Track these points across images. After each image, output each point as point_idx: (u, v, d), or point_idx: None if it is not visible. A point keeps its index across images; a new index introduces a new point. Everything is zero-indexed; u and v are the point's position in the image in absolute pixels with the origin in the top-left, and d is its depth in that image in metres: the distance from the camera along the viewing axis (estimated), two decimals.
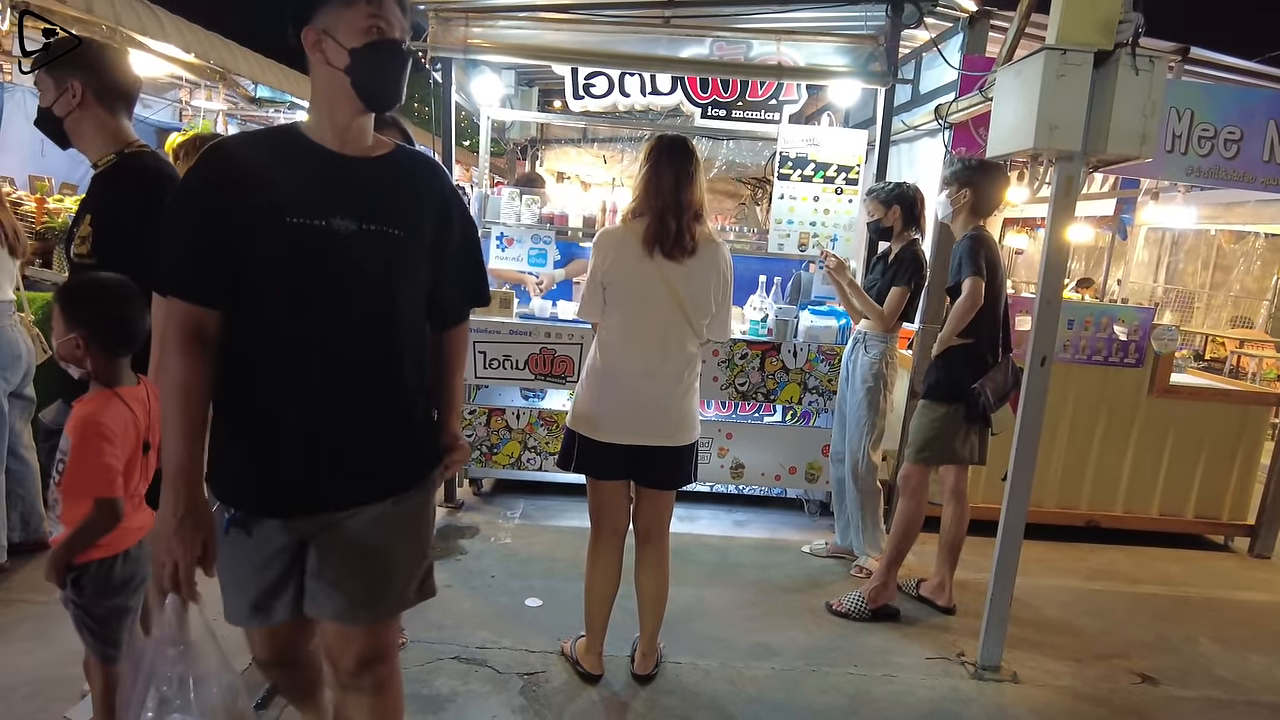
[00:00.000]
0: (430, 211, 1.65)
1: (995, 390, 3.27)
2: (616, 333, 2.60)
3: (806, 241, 4.25)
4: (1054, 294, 2.90)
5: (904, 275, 3.58)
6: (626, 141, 6.63)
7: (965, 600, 3.54)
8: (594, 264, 2.60)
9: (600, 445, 2.62)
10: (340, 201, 1.52)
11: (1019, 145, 2.74)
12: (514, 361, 4.19)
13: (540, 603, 3.33)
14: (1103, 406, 4.43)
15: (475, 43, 3.89)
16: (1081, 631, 3.47)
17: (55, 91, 2.06)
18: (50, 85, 2.06)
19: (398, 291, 1.60)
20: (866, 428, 3.69)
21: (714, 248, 2.58)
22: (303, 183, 1.52)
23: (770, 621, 3.32)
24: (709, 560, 3.86)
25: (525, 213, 4.34)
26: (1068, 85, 2.58)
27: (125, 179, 2.07)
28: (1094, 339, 4.38)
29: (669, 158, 2.52)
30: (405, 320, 1.63)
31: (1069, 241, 2.91)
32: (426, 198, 1.66)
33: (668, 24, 4.13)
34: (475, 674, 2.78)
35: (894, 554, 3.39)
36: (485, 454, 4.32)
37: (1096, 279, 8.76)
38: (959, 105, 3.85)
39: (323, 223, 1.49)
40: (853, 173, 4.24)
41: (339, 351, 1.56)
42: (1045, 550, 4.28)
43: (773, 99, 4.50)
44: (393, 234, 1.56)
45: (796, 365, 4.20)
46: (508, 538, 3.98)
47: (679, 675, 2.88)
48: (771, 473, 4.34)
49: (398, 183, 1.62)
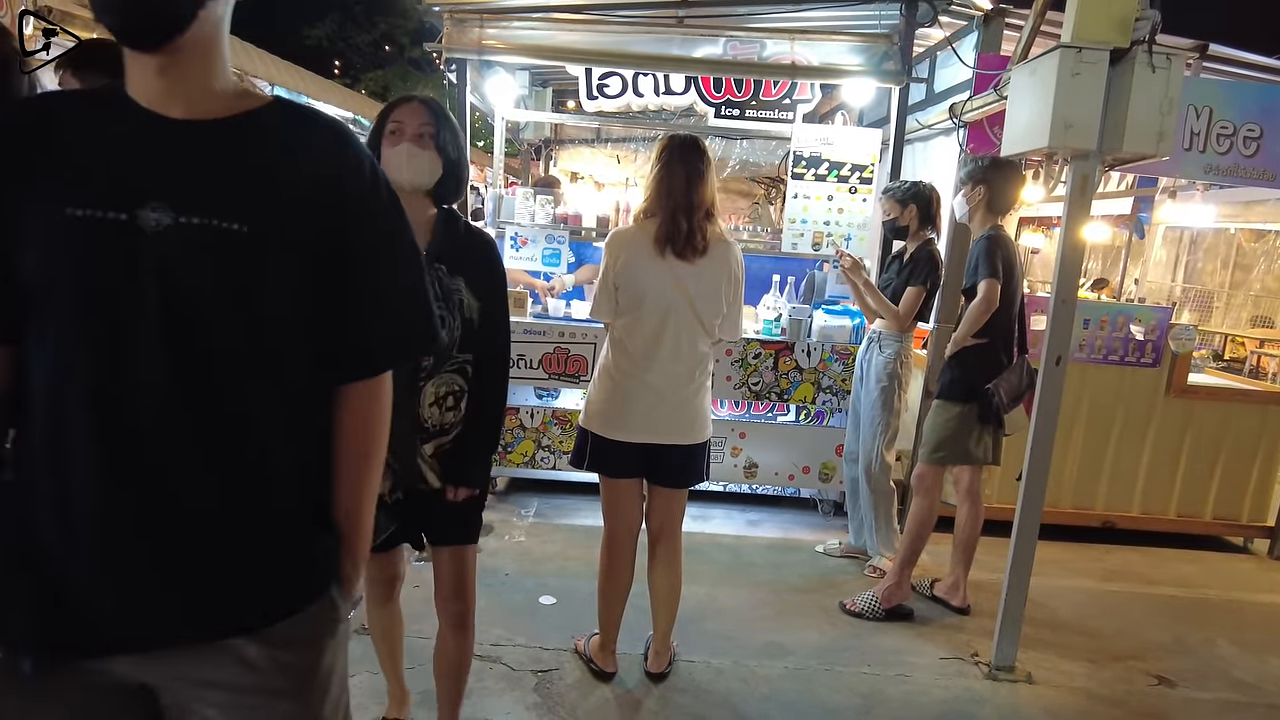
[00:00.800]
0: (310, 197, 1.11)
1: (1009, 391, 3.25)
2: (628, 332, 2.61)
3: (820, 241, 4.24)
4: (1069, 293, 2.88)
5: (920, 275, 3.57)
6: (640, 141, 6.64)
7: (980, 601, 3.53)
8: (605, 264, 2.61)
9: (612, 443, 2.63)
10: (153, 184, 1.04)
11: (1034, 144, 2.73)
12: (528, 361, 4.21)
13: (554, 600, 3.35)
14: (1119, 407, 4.40)
15: (490, 44, 3.92)
16: (1097, 632, 3.45)
17: None
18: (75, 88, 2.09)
19: (240, 317, 1.08)
20: (880, 427, 3.69)
21: (725, 247, 2.59)
22: (98, 159, 1.05)
23: (783, 621, 3.32)
24: (722, 559, 3.86)
25: (539, 213, 4.36)
26: (1083, 83, 2.56)
27: None
28: (1110, 339, 4.34)
29: (680, 157, 2.53)
30: (259, 363, 1.10)
31: (1085, 241, 2.90)
32: (305, 177, 1.11)
33: (681, 24, 4.13)
34: (490, 671, 2.80)
35: (907, 554, 3.38)
36: (500, 453, 4.34)
37: (1113, 278, 8.70)
38: (974, 104, 3.83)
39: (123, 215, 1.02)
40: (867, 172, 4.23)
41: (149, 410, 1.05)
42: (1060, 551, 4.26)
43: (786, 98, 4.50)
44: (231, 230, 1.05)
45: (810, 365, 4.19)
46: (522, 536, 4.00)
47: (692, 673, 2.89)
48: (785, 472, 4.34)
49: (250, 154, 1.10)
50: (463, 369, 2.01)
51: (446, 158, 1.95)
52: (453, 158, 1.97)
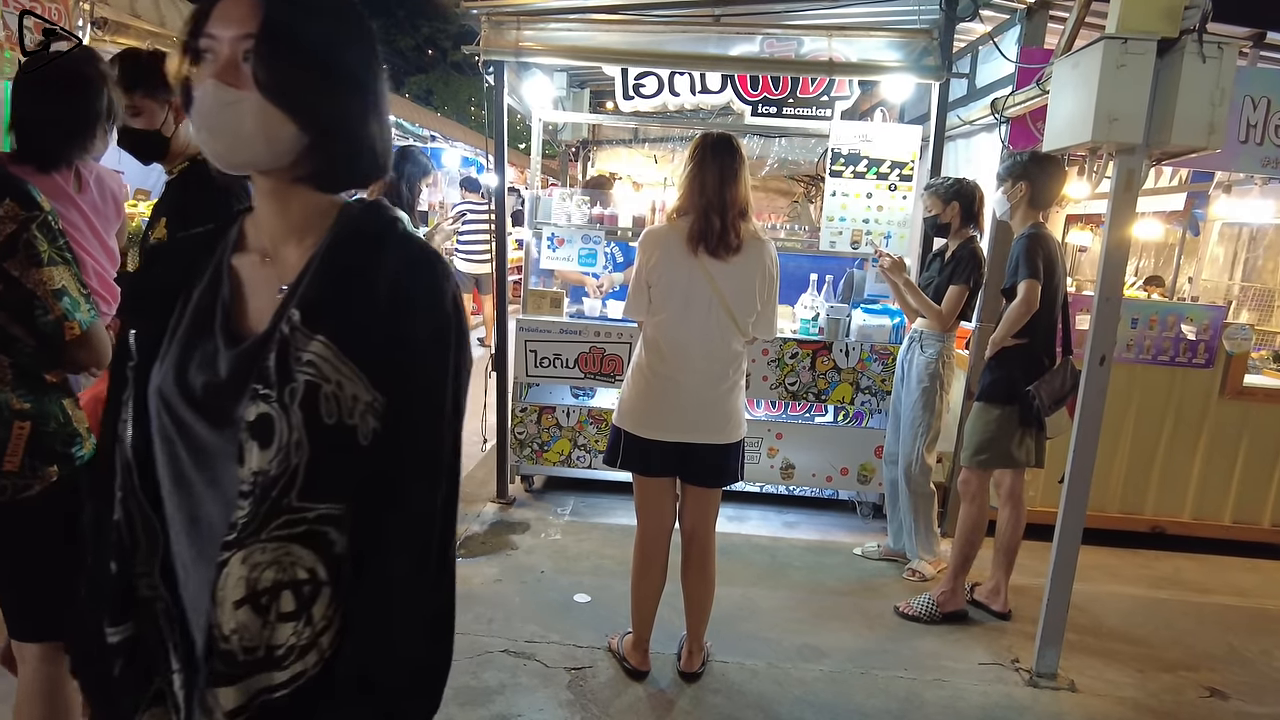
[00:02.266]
0: None
1: (1050, 393, 3.18)
2: (661, 330, 2.61)
3: (859, 239, 4.19)
4: (1113, 291, 2.81)
5: (962, 273, 3.51)
6: (677, 141, 6.63)
7: (1021, 606, 3.45)
8: (639, 263, 2.62)
9: (646, 442, 2.63)
10: None
11: (1076, 138, 2.66)
12: (564, 360, 4.23)
13: (589, 599, 3.36)
14: (1169, 408, 4.27)
15: (527, 45, 3.94)
16: (1145, 641, 3.35)
17: (161, 113, 2.16)
18: (154, 108, 2.16)
19: None
20: (921, 429, 3.63)
21: (759, 245, 2.57)
22: None
23: (820, 623, 3.29)
24: (758, 561, 3.84)
25: (575, 213, 4.39)
26: (1129, 75, 2.49)
27: (194, 183, 2.17)
28: (1160, 338, 4.22)
29: (713, 155, 2.52)
30: None
31: (1130, 237, 2.81)
32: None
33: (717, 22, 4.12)
34: (524, 667, 2.82)
35: (959, 560, 3.33)
36: (536, 451, 4.37)
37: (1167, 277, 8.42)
38: (1016, 99, 3.75)
39: None
40: (907, 169, 4.16)
41: None
42: (1106, 556, 4.15)
43: (824, 95, 4.45)
44: None
45: (849, 365, 4.14)
46: (558, 534, 4.02)
47: (726, 674, 2.88)
48: (823, 474, 4.30)
49: None
50: (316, 535, 0.98)
51: (298, 101, 0.94)
52: (324, 101, 0.96)
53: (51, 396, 1.65)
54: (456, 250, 8.06)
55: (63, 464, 1.65)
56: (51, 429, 1.63)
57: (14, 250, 1.48)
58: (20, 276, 1.49)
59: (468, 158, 10.43)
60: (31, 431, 1.59)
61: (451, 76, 27.72)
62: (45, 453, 1.62)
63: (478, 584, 3.42)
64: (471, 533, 3.97)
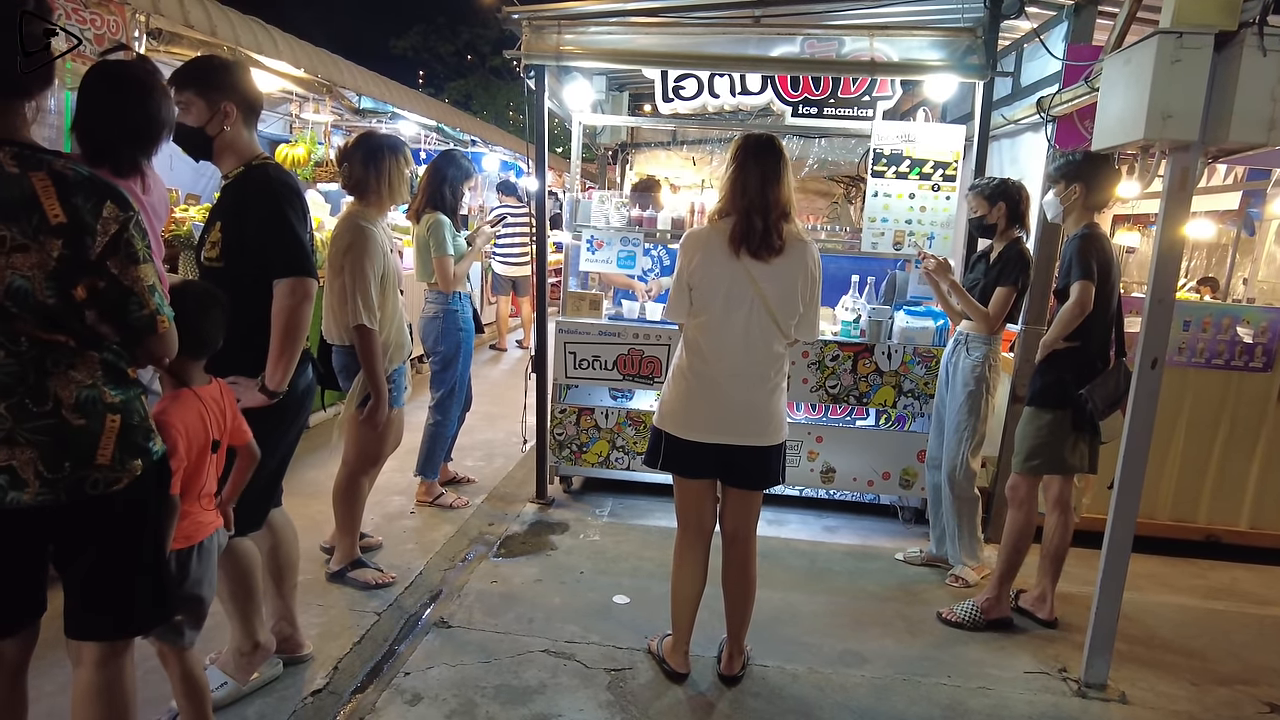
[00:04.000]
0: None
1: (1104, 396, 3.10)
2: (702, 332, 2.60)
3: (902, 240, 4.14)
4: (1166, 292, 2.74)
5: (1010, 274, 3.45)
6: (715, 143, 6.61)
7: (1068, 614, 3.38)
8: (680, 265, 2.62)
9: (687, 444, 2.63)
10: None
11: (1128, 136, 2.60)
12: (603, 362, 4.25)
13: (628, 600, 3.36)
14: (1224, 413, 4.14)
15: (567, 49, 3.97)
16: (1200, 653, 3.25)
17: (209, 113, 2.23)
18: (204, 107, 2.23)
19: None
20: (967, 433, 3.57)
21: (802, 247, 2.55)
22: None
23: (861, 629, 3.25)
24: (798, 565, 3.81)
25: (614, 215, 4.40)
26: (1184, 70, 2.43)
27: (250, 188, 2.23)
28: (1214, 341, 4.10)
29: (755, 157, 2.51)
30: None
31: (1184, 238, 2.74)
32: None
33: (758, 23, 4.10)
34: (564, 667, 2.83)
35: (1005, 567, 3.27)
36: (575, 452, 4.39)
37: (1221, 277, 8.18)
38: (1063, 97, 3.68)
39: None
40: (950, 169, 4.11)
41: None
42: (1157, 565, 4.04)
43: (866, 95, 4.40)
44: None
45: (891, 367, 4.10)
46: (596, 535, 4.04)
47: (766, 678, 2.86)
48: (864, 478, 4.25)
49: None
50: None
51: None
52: None
53: (134, 391, 1.69)
54: (494, 253, 8.13)
55: (144, 458, 1.69)
56: (135, 422, 1.67)
57: (116, 249, 1.53)
58: (120, 274, 1.55)
59: (506, 161, 10.52)
60: (121, 425, 1.64)
61: (490, 81, 28.05)
62: (131, 446, 1.66)
63: (518, 584, 3.44)
64: (512, 532, 4.00)
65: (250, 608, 2.40)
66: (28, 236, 1.46)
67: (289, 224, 2.21)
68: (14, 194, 1.45)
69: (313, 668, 2.72)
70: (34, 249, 1.47)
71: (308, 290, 2.25)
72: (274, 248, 2.21)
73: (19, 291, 1.48)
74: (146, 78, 2.02)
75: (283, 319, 2.22)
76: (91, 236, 1.50)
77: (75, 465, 1.59)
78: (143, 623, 1.80)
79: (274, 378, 2.24)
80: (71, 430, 1.58)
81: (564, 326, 4.27)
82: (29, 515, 1.58)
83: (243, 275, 2.19)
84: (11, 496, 1.55)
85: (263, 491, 2.40)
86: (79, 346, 1.57)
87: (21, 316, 1.50)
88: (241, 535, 2.35)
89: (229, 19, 4.51)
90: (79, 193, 1.49)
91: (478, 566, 3.60)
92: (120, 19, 3.73)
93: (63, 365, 1.57)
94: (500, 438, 5.54)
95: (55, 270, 1.48)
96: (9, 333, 1.51)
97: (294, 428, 2.46)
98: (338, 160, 3.21)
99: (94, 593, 1.70)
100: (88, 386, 1.59)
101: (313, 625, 2.94)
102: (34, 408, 1.55)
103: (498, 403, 6.09)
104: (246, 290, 2.18)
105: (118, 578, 1.71)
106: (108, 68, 2.03)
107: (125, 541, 1.71)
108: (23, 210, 1.46)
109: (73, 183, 1.49)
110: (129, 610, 1.75)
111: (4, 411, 1.53)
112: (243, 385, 2.22)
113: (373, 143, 3.18)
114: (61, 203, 1.47)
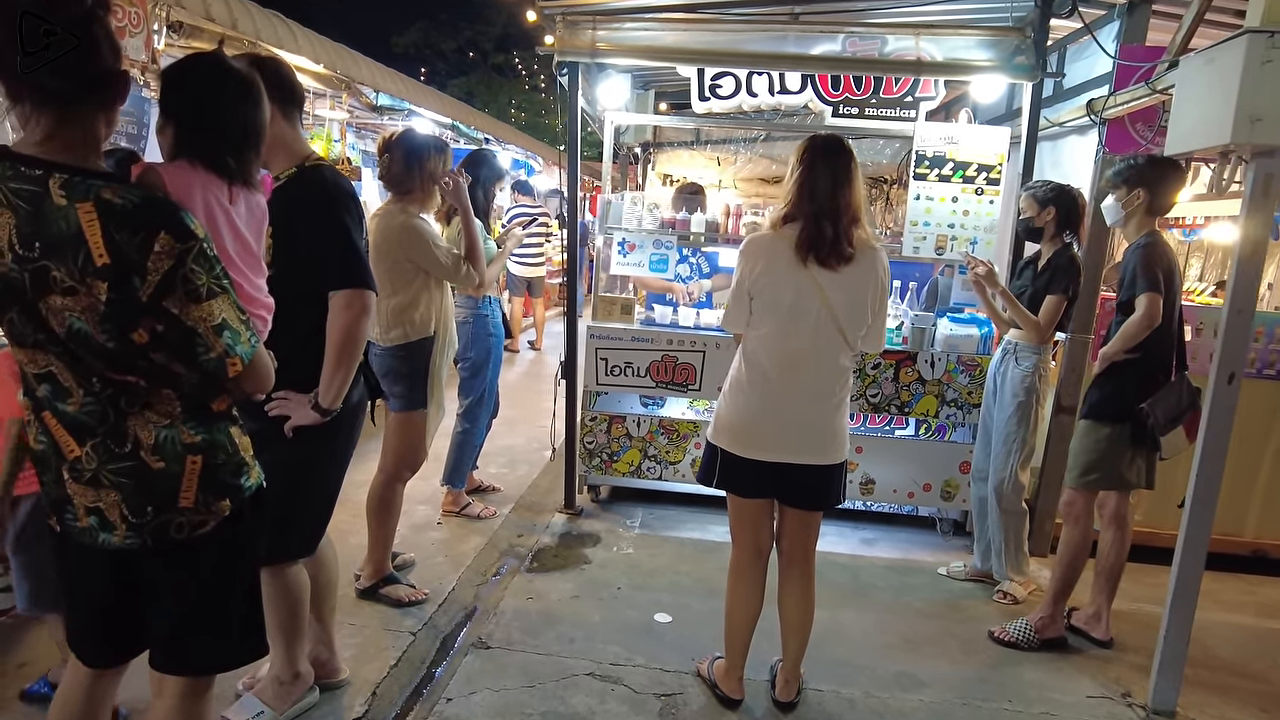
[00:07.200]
0: None
1: (1167, 411, 2.99)
2: (764, 344, 2.48)
3: (944, 245, 4.02)
4: (1246, 303, 2.63)
5: (1060, 282, 3.33)
6: (739, 143, 6.49)
7: (1123, 633, 3.27)
8: (741, 272, 2.49)
9: (745, 461, 2.50)
10: None
11: (1212, 141, 2.48)
12: (635, 369, 4.12)
13: (670, 619, 3.24)
14: (1275, 424, 4.03)
15: (602, 46, 3.84)
16: (1265, 676, 3.14)
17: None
18: None
19: None
20: (1016, 445, 3.45)
21: (873, 254, 2.43)
22: None
23: (913, 649, 3.14)
24: (840, 580, 3.68)
25: (646, 218, 4.27)
26: (1276, 72, 2.31)
27: (303, 192, 2.08)
28: (1266, 351, 3.99)
29: (825, 159, 2.39)
30: None
31: (1264, 245, 2.62)
32: None
33: (796, 20, 3.98)
34: (611, 692, 2.71)
35: (1060, 585, 3.16)
36: (605, 461, 4.27)
37: None
38: (1118, 99, 3.56)
39: None
40: (994, 172, 3.98)
41: None
42: (1206, 580, 3.82)
43: (909, 96, 4.27)
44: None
45: (934, 376, 3.97)
46: (629, 548, 3.91)
47: (822, 704, 2.74)
48: (904, 489, 4.13)
49: None
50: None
51: None
52: None
53: (220, 426, 1.57)
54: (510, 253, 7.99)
55: (233, 496, 1.57)
56: (220, 461, 1.55)
57: (172, 287, 1.37)
58: (180, 314, 1.39)
59: (518, 160, 10.38)
60: (203, 466, 1.52)
61: (493, 79, 27.82)
62: (217, 485, 1.54)
63: (555, 600, 3.32)
64: (542, 545, 3.88)
65: (296, 636, 2.28)
66: (75, 279, 1.32)
67: (345, 231, 2.07)
68: (60, 230, 1.30)
69: (350, 693, 2.59)
70: (82, 292, 1.33)
71: (366, 303, 2.11)
72: (330, 257, 2.08)
73: (79, 334, 1.35)
74: (254, 78, 1.85)
75: (339, 333, 2.08)
76: (141, 276, 1.34)
77: (158, 509, 1.48)
78: (231, 660, 1.69)
79: (328, 395, 2.10)
80: (151, 473, 1.46)
81: (595, 332, 4.14)
82: (124, 554, 1.51)
83: (294, 284, 2.05)
84: (103, 538, 1.48)
85: (319, 515, 2.27)
86: (152, 385, 1.45)
87: (87, 358, 1.38)
88: (294, 560, 2.22)
89: (250, 13, 4.37)
90: (126, 226, 1.32)
91: (511, 581, 3.47)
92: (141, 10, 3.59)
93: (138, 405, 1.45)
94: (522, 444, 5.41)
95: (106, 314, 1.34)
96: (82, 373, 1.40)
97: (349, 444, 2.32)
98: (379, 150, 3.09)
99: (184, 631, 1.61)
100: (165, 426, 1.47)
101: (347, 646, 2.81)
102: (115, 448, 1.44)
103: (517, 406, 5.96)
104: (298, 299, 2.04)
105: (209, 618, 1.61)
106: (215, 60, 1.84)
107: (216, 583, 1.60)
108: (69, 249, 1.31)
109: (120, 213, 1.32)
110: (218, 649, 1.65)
111: (89, 451, 1.43)
112: (294, 401, 2.09)
113: (417, 140, 3.07)
114: (105, 240, 1.31)
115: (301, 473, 2.19)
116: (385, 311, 3.01)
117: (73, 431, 1.44)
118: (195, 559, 1.55)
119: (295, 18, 5.10)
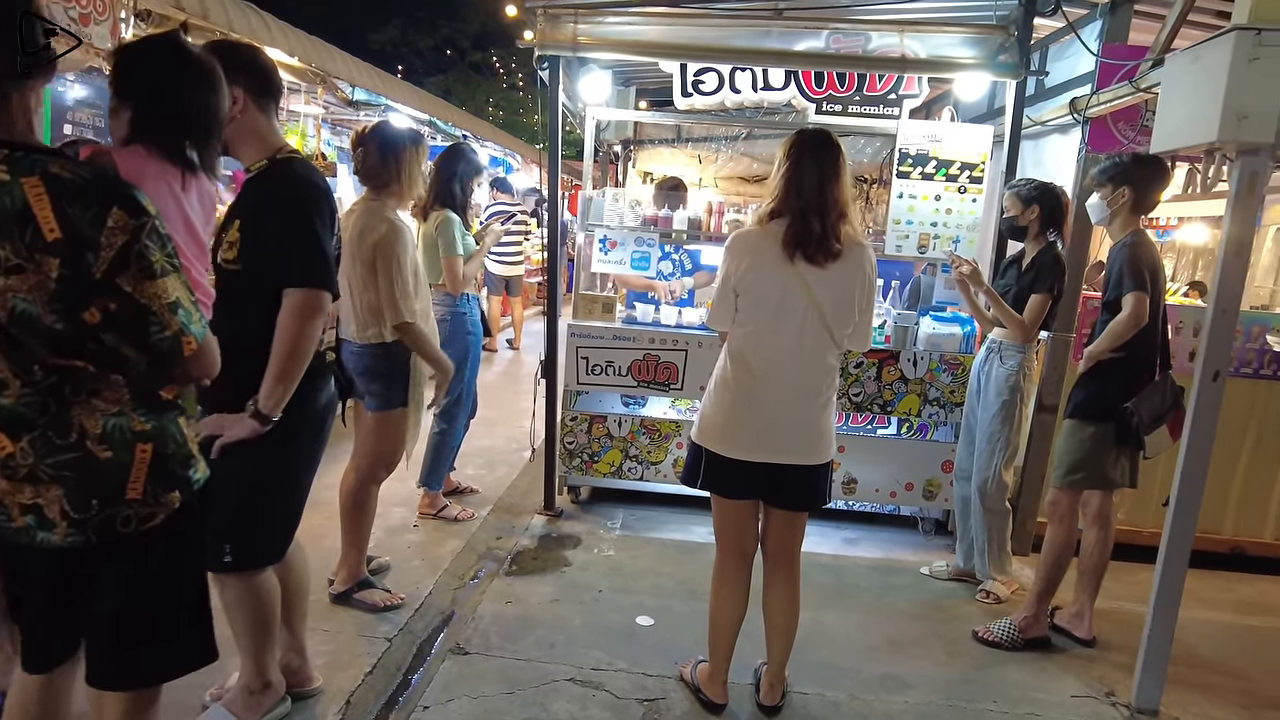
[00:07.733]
0: None
1: (1151, 410, 2.98)
2: (749, 343, 2.43)
3: (927, 243, 4.00)
4: (1230, 302, 2.62)
5: (1045, 281, 3.32)
6: (720, 141, 6.44)
7: (1104, 632, 3.27)
8: (726, 269, 2.44)
9: (730, 462, 2.45)
10: None
11: (1198, 138, 2.47)
12: (616, 368, 4.06)
13: (652, 622, 3.19)
14: (1251, 423, 4.06)
15: (584, 40, 3.78)
16: (1244, 674, 3.15)
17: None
18: None
19: None
20: (1000, 444, 3.44)
21: (860, 250, 2.39)
22: None
23: (898, 650, 3.11)
24: (823, 581, 3.65)
25: (628, 214, 4.22)
26: (1263, 70, 2.30)
27: (273, 185, 2.00)
28: (1243, 350, 4.01)
29: (812, 153, 2.35)
30: None
31: (1249, 244, 2.62)
32: None
33: (780, 16, 3.94)
34: (593, 698, 2.65)
35: (1044, 585, 3.15)
36: (586, 462, 4.21)
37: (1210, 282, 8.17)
38: (1100, 98, 3.56)
39: None
40: (977, 171, 3.97)
41: None
42: None
43: (891, 93, 4.25)
44: None
45: (916, 375, 3.95)
46: (610, 549, 3.85)
47: (807, 707, 2.70)
48: (886, 489, 4.11)
49: None
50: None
51: None
52: None
53: (170, 415, 1.50)
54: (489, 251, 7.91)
55: (182, 488, 1.50)
56: (170, 450, 1.48)
57: (126, 264, 1.31)
58: (134, 292, 1.33)
59: (496, 158, 10.28)
60: (153, 454, 1.45)
61: (470, 77, 27.61)
62: (166, 476, 1.47)
63: (534, 604, 3.25)
64: (522, 547, 3.81)
65: (266, 644, 2.19)
66: (22, 256, 1.25)
67: (311, 228, 1.97)
68: (4, 205, 1.24)
69: (323, 702, 2.51)
70: (30, 269, 1.25)
71: (321, 305, 1.99)
72: (293, 252, 1.97)
73: (24, 316, 1.27)
74: (213, 63, 1.77)
75: (289, 335, 1.94)
76: (94, 252, 1.28)
77: (104, 503, 1.40)
78: (178, 665, 1.60)
79: (270, 399, 1.95)
80: (97, 464, 1.39)
81: (576, 330, 4.08)
82: (64, 554, 1.42)
83: (261, 279, 1.96)
84: (42, 537, 1.39)
85: (288, 520, 2.18)
86: (100, 370, 1.38)
87: (31, 343, 1.30)
88: (262, 568, 2.14)
89: (222, 2, 4.25)
90: (78, 200, 1.27)
91: (490, 585, 3.40)
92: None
93: (84, 393, 1.37)
94: (500, 444, 5.33)
95: (57, 292, 1.27)
96: (21, 361, 1.31)
97: (319, 446, 2.23)
98: (353, 144, 3.00)
99: (130, 635, 1.51)
100: (114, 414, 1.40)
101: (320, 653, 2.73)
102: (57, 440, 1.36)
103: (494, 406, 5.87)
104: (266, 296, 1.95)
105: (156, 618, 1.52)
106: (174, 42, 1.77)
107: (164, 580, 1.52)
108: (15, 225, 1.24)
109: (70, 188, 1.27)
110: (165, 654, 1.56)
111: (25, 446, 1.35)
112: (227, 419, 1.96)
113: (391, 132, 2.98)
114: (57, 214, 1.25)
115: (268, 477, 2.10)
116: (360, 309, 2.93)
117: (5, 427, 1.36)
118: (143, 554, 1.48)
119: (270, 11, 4.98)
